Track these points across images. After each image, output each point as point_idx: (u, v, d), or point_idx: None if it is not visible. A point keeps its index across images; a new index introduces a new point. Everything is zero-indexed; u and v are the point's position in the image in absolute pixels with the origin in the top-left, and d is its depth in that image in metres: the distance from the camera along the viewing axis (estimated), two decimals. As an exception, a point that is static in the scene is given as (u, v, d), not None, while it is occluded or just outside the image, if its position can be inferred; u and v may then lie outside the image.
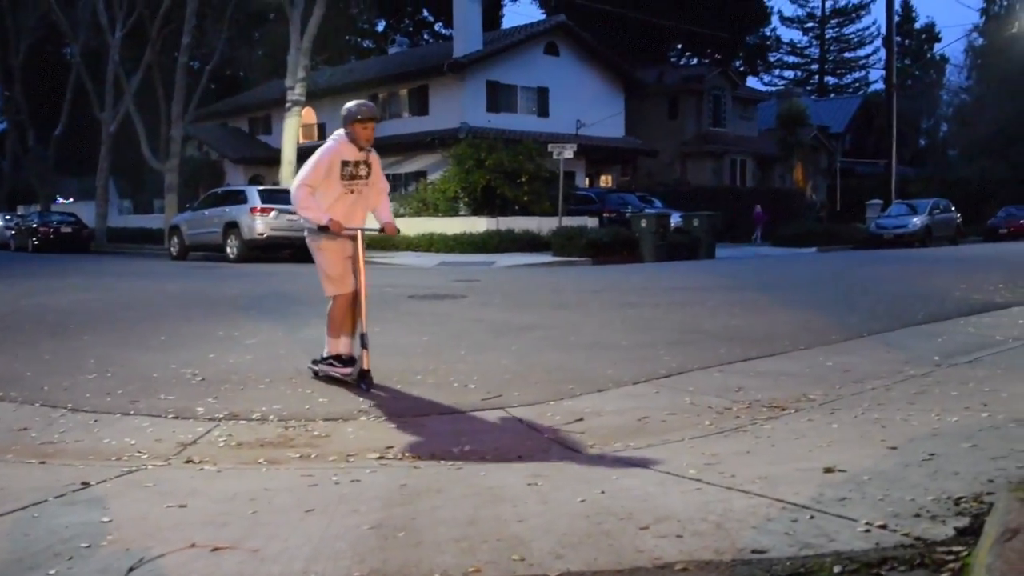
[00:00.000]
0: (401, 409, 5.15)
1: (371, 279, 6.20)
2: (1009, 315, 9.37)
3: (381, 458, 4.14)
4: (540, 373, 6.18)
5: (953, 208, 32.31)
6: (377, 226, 6.19)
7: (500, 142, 26.19)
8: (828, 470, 3.41)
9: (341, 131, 5.76)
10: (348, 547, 2.79)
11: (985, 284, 12.50)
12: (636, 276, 15.77)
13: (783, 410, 4.87)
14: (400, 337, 7.97)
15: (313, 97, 29.65)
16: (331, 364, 5.86)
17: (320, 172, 5.62)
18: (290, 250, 21.24)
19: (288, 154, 25.87)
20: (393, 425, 4.78)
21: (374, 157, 5.90)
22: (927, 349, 6.94)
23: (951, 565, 2.26)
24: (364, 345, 5.60)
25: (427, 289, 12.82)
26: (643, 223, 21.23)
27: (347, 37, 42.43)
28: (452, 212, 25.66)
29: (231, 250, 21.13)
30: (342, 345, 5.86)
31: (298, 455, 4.21)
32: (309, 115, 33.50)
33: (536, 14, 58.54)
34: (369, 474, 3.79)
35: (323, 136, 35.04)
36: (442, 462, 4.05)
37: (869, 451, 3.75)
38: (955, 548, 2.36)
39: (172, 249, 23.75)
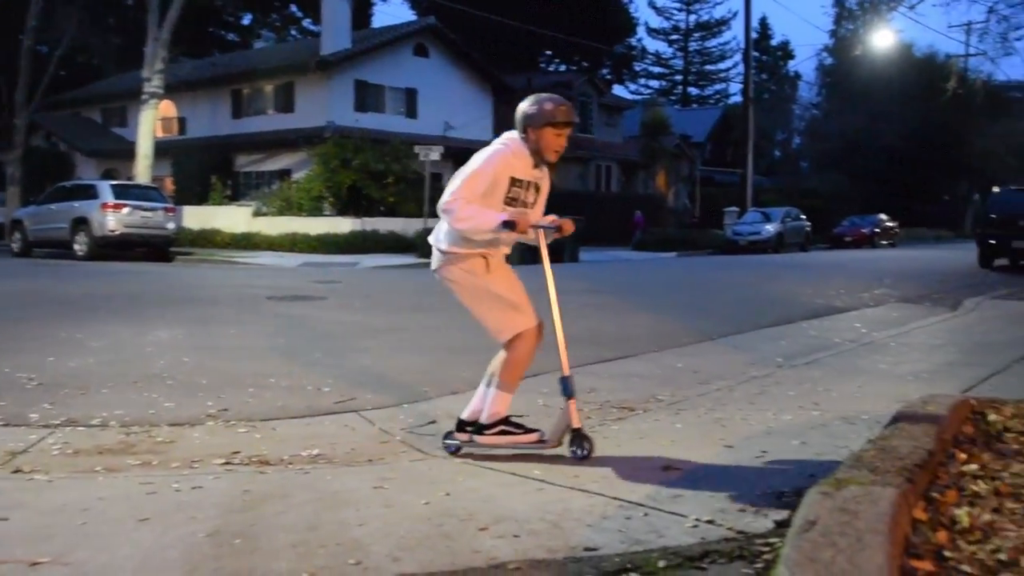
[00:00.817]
0: (251, 413, 5.02)
1: (229, 279, 5.97)
2: (847, 319, 9.93)
3: (227, 464, 4.01)
4: (396, 376, 6.15)
5: (803, 217, 33.99)
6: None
7: (367, 142, 25.87)
8: (667, 468, 3.53)
9: (515, 135, 4.18)
10: (180, 556, 2.70)
11: (828, 289, 13.17)
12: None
13: (632, 411, 5.00)
14: (256, 340, 7.79)
15: (172, 90, 28.60)
16: (506, 431, 4.07)
17: (480, 186, 4.06)
18: (143, 248, 20.56)
19: (144, 148, 24.86)
20: (243, 430, 4.65)
21: (546, 178, 4.41)
22: (771, 351, 7.27)
23: (766, 556, 2.37)
24: (570, 394, 3.96)
25: (287, 290, 12.57)
26: (508, 226, 21.38)
27: (210, 29, 41.20)
28: (316, 212, 25.23)
29: (79, 247, 20.15)
30: (507, 402, 4.15)
31: (139, 462, 4.03)
32: (168, 108, 32.30)
33: (407, 15, 58.36)
34: (212, 480, 3.68)
35: (183, 131, 33.89)
36: (290, 467, 3.97)
37: (707, 450, 3.90)
38: (772, 540, 2.48)
39: (14, 245, 22.43)
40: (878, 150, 48.97)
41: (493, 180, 4.08)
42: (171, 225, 21.13)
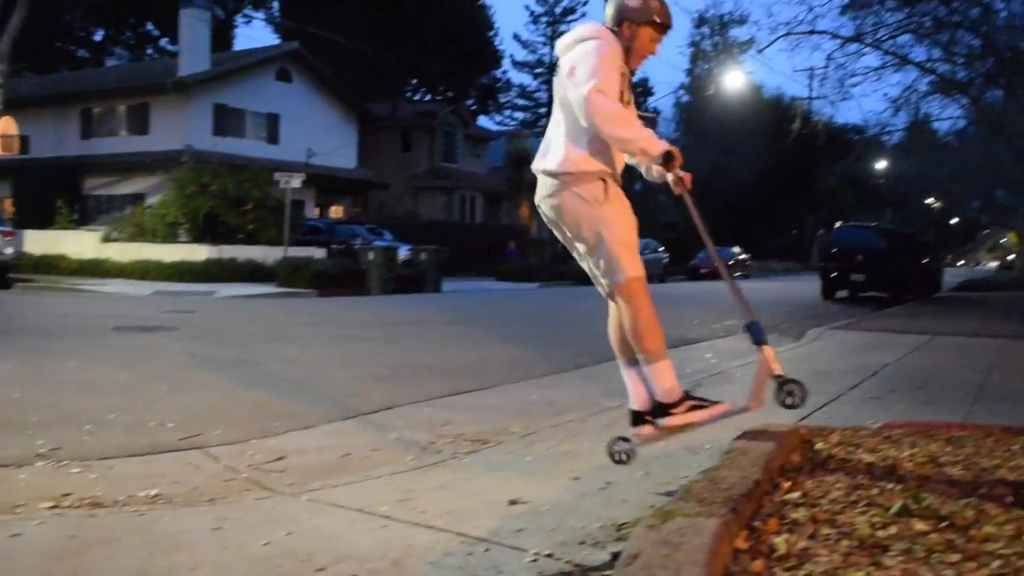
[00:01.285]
0: (87, 452, 4.75)
1: (73, 308, 5.66)
2: (699, 349, 10.28)
3: (55, 507, 3.78)
4: (246, 410, 5.98)
5: (661, 248, 35.08)
6: None
7: (226, 167, 25.24)
8: (513, 502, 3.55)
9: (603, 29, 3.59)
10: (-9, 610, 2.54)
11: (682, 320, 13.60)
12: (360, 309, 15.72)
13: (485, 443, 5.01)
14: (97, 373, 7.42)
15: (13, 106, 27.13)
16: (697, 405, 3.66)
17: (614, 76, 3.42)
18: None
19: None
20: (76, 470, 4.40)
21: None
22: (622, 381, 7.42)
23: (600, 590, 2.42)
24: (763, 340, 3.60)
25: (136, 320, 12.07)
26: (371, 255, 21.25)
27: (58, 43, 39.43)
28: (171, 239, 24.37)
29: None
30: (670, 369, 3.69)
31: (-47, 510, 3.78)
32: (7, 125, 30.61)
33: (271, 39, 57.36)
34: (36, 526, 3.46)
35: (25, 150, 32.19)
36: (125, 508, 3.78)
37: (554, 482, 3.95)
38: (607, 572, 2.53)
39: None
40: (732, 185, 51.28)
41: (617, 71, 3.44)
42: (9, 250, 20.08)
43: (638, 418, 3.69)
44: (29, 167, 30.60)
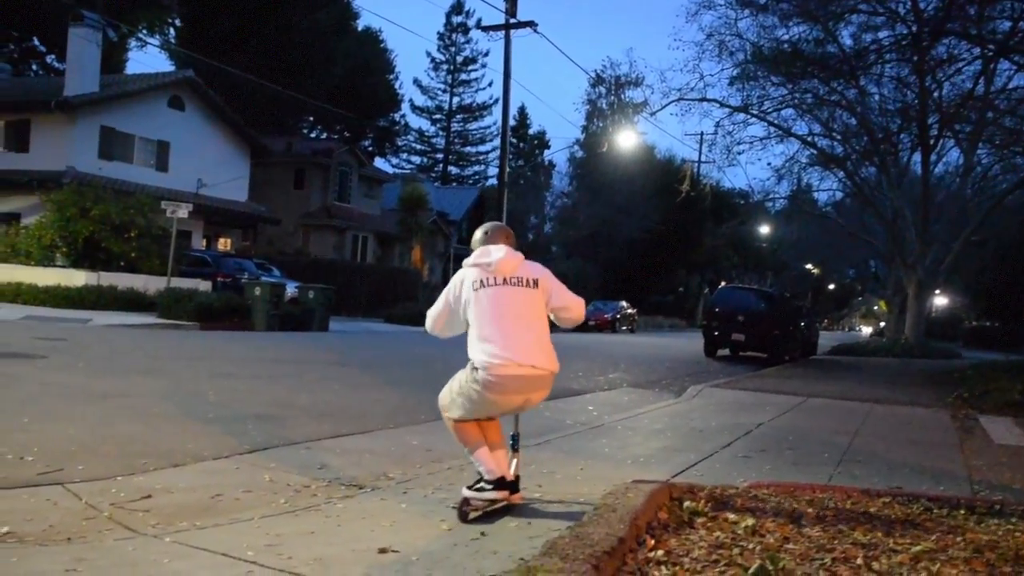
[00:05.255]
0: (-68, 484, 4.52)
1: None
2: (581, 401, 10.42)
3: None
4: (113, 445, 5.76)
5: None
6: None
7: (111, 192, 24.45)
8: (383, 551, 3.52)
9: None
10: None
11: (567, 371, 13.76)
12: (242, 345, 15.37)
13: (360, 488, 4.96)
14: (-48, 401, 7.04)
15: None
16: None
17: None
18: None
19: None
20: (-81, 505, 4.18)
21: None
22: (506, 430, 7.44)
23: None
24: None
25: (1, 346, 11.50)
26: (257, 291, 20.84)
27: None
28: (47, 262, 23.36)
29: None
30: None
31: None
32: None
33: (165, 65, 56.11)
34: None
35: None
36: (-30, 547, 3.60)
37: (427, 531, 3.93)
38: (471, 627, 2.53)
39: None
40: (621, 241, 52.47)
41: None
42: None
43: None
44: None
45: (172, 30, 46.21)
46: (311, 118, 55.07)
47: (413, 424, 7.55)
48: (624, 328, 40.54)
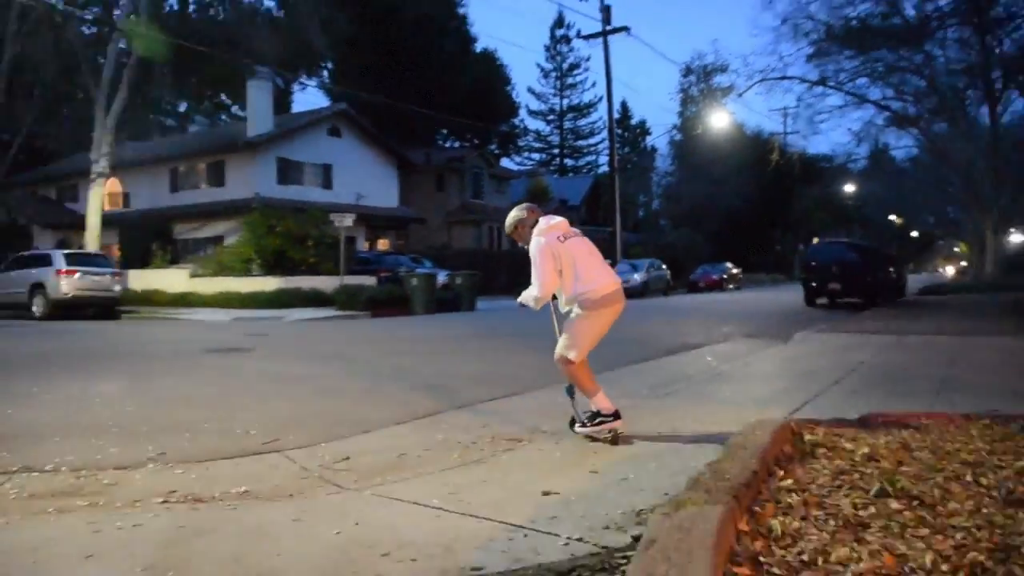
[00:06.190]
0: (187, 456, 4.83)
1: (169, 335, 5.74)
2: (699, 353, 10.22)
3: (165, 502, 3.85)
4: (316, 418, 6.02)
5: (664, 266, 34.90)
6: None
7: (289, 211, 25.61)
8: (546, 493, 3.57)
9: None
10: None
11: (684, 328, 13.55)
12: (407, 327, 15.80)
13: (519, 442, 5.02)
14: (191, 389, 7.50)
15: (117, 169, 28.06)
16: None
17: None
18: (93, 308, 20.06)
19: (93, 220, 24.79)
20: (179, 471, 4.47)
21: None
22: (638, 384, 7.42)
23: (623, 568, 2.44)
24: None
25: (220, 343, 12.17)
26: (414, 281, 21.33)
27: (151, 115, 40.18)
28: (246, 273, 24.62)
29: (37, 309, 19.71)
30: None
31: (87, 503, 3.83)
32: (114, 185, 31.70)
33: (322, 101, 57.84)
34: (152, 518, 3.55)
35: (127, 204, 33.22)
36: (221, 503, 3.85)
37: (580, 475, 3.96)
38: (628, 553, 2.55)
39: (-22, 309, 21.33)
40: (722, 210, 51.15)
41: None
42: (118, 287, 20.78)
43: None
44: (130, 218, 31.71)
45: (326, 72, 47.64)
46: (444, 130, 55.70)
47: (558, 383, 7.56)
48: (731, 287, 39.46)
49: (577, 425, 5.06)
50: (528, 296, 4.98)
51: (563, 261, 4.81)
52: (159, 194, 32.78)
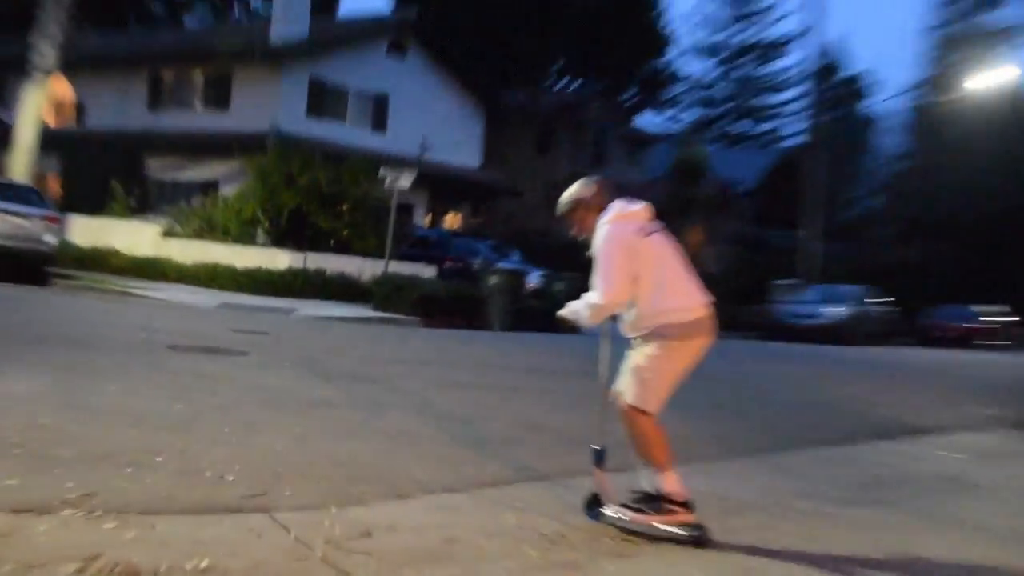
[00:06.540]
0: (125, 502, 4.76)
1: (121, 317, 5.74)
2: (933, 443, 9.78)
3: (80, 572, 3.76)
4: (325, 467, 5.97)
5: (882, 299, 33.44)
6: None
7: (320, 156, 25.69)
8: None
9: None
10: None
11: (910, 400, 13.10)
12: (476, 347, 15.79)
13: (634, 544, 4.85)
14: (145, 402, 7.56)
15: (71, 67, 28.21)
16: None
17: None
18: (8, 265, 20.08)
19: (26, 136, 24.65)
20: (110, 524, 4.38)
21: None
22: (824, 479, 7.17)
23: None
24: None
25: (196, 338, 12.35)
26: (493, 280, 21.35)
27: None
28: (246, 239, 24.97)
29: None
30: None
31: (-55, 569, 3.80)
32: (63, 88, 31.86)
33: (383, 5, 58.66)
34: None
35: (81, 121, 33.66)
36: (165, 583, 3.78)
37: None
38: None
39: None
40: (985, 218, 48.52)
41: None
42: (50, 239, 20.56)
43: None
44: (84, 141, 32.12)
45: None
46: (558, 66, 55.47)
47: (696, 460, 7.30)
48: (990, 343, 37.48)
49: (611, 508, 5.02)
50: (580, 306, 5.04)
51: (643, 263, 4.83)
52: (130, 111, 33.28)
